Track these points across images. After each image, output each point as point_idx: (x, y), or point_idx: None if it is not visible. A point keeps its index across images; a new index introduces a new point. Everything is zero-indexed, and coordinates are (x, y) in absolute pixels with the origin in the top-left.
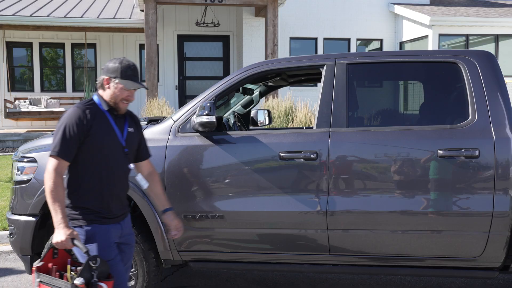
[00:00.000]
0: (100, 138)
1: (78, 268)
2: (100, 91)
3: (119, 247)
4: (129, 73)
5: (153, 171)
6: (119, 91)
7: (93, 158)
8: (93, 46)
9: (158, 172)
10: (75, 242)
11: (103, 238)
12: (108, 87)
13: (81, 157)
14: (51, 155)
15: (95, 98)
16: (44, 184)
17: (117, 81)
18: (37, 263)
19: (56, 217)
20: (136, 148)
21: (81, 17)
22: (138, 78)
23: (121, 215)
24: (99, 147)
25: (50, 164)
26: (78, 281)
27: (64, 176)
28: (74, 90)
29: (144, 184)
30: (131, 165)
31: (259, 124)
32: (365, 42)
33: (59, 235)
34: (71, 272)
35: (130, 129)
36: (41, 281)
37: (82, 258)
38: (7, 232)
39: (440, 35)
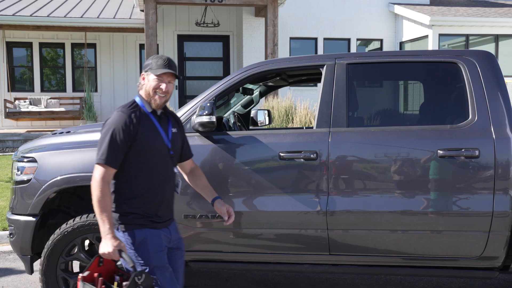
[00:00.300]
0: (147, 141)
1: (124, 283)
2: (140, 92)
3: (169, 252)
4: (159, 62)
5: (195, 167)
6: (150, 82)
7: (140, 162)
8: (93, 46)
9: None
10: (123, 254)
11: (155, 242)
12: (144, 83)
13: (128, 161)
14: (98, 163)
15: (137, 99)
16: (92, 193)
17: (148, 72)
18: (83, 273)
19: (104, 227)
20: (180, 149)
21: (81, 17)
22: (170, 67)
23: (169, 220)
24: (146, 150)
25: (97, 172)
26: None
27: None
28: (74, 90)
29: (178, 192)
30: (176, 169)
31: (259, 124)
32: (365, 42)
33: (107, 246)
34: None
35: (174, 130)
36: None
37: (127, 267)
38: (7, 232)
39: (440, 35)
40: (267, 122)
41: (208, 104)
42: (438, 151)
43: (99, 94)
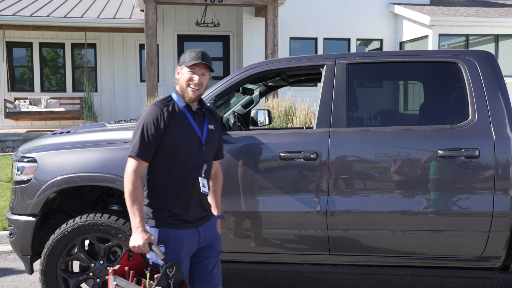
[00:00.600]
0: (178, 136)
1: (156, 275)
2: (176, 87)
3: (200, 253)
4: (192, 55)
5: (219, 173)
6: (184, 75)
7: (171, 157)
8: (93, 46)
9: None
10: (153, 247)
11: (174, 246)
12: (178, 77)
13: (159, 156)
14: (130, 156)
15: (173, 94)
16: (124, 186)
17: (182, 66)
18: (113, 267)
19: (134, 220)
20: (216, 146)
21: (81, 17)
22: (203, 59)
23: (200, 219)
24: (177, 145)
25: (129, 165)
26: None
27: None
28: (74, 90)
29: (205, 191)
30: (205, 165)
31: (259, 124)
32: (365, 42)
33: (137, 239)
34: (150, 281)
35: (211, 127)
36: (117, 285)
37: (155, 261)
38: (7, 232)
39: (440, 35)
40: (267, 122)
41: (208, 104)
42: (438, 151)
43: (99, 94)
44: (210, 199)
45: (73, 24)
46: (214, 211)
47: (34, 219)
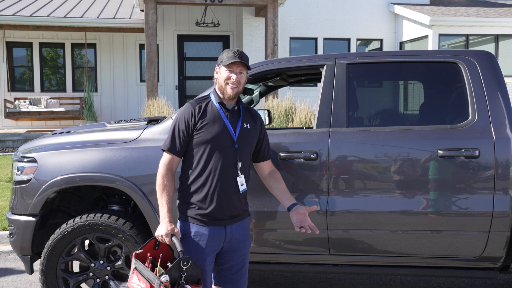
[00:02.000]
0: (209, 133)
1: (169, 264)
2: (215, 86)
3: (226, 254)
4: (230, 54)
5: (274, 170)
6: (222, 74)
7: (201, 153)
8: (93, 46)
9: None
10: (173, 239)
11: (198, 242)
12: (217, 77)
13: (191, 151)
14: (162, 149)
15: (211, 93)
16: (157, 179)
17: (220, 65)
18: (137, 250)
19: (162, 210)
20: (252, 145)
21: (81, 17)
22: (240, 58)
23: (230, 218)
24: (207, 142)
25: (162, 159)
26: (164, 278)
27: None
28: (74, 90)
29: (243, 188)
30: (239, 163)
31: None
32: (365, 42)
33: (161, 229)
34: (162, 269)
35: (246, 125)
36: (135, 268)
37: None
38: (7, 232)
39: (440, 35)
40: (267, 122)
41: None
42: (438, 151)
43: (99, 94)
44: (280, 195)
45: (73, 24)
46: (290, 202)
47: (34, 219)
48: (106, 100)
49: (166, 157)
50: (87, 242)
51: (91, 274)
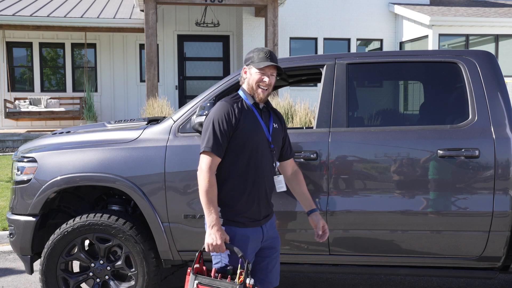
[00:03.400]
0: (248, 132)
1: (239, 270)
2: (243, 86)
3: (262, 252)
4: (261, 55)
5: (297, 170)
6: (253, 76)
7: (240, 153)
8: (93, 46)
9: (160, 172)
10: (229, 246)
11: (239, 245)
12: (246, 76)
13: (228, 152)
14: (203, 152)
15: (240, 93)
16: (199, 183)
17: (250, 66)
18: (192, 266)
19: (210, 217)
20: (280, 145)
21: (81, 17)
22: (272, 60)
23: (265, 218)
24: (246, 142)
25: (203, 161)
26: (251, 281)
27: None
28: (74, 90)
29: (281, 187)
30: (277, 163)
31: None
32: (365, 42)
33: (214, 238)
34: (240, 276)
35: (275, 125)
36: (199, 283)
37: (215, 261)
38: (7, 232)
39: (440, 35)
40: None
41: (208, 104)
42: (438, 151)
43: (99, 94)
44: (300, 197)
45: (73, 24)
46: (309, 207)
47: (34, 219)
48: (106, 100)
49: (208, 159)
50: (87, 242)
51: (91, 274)
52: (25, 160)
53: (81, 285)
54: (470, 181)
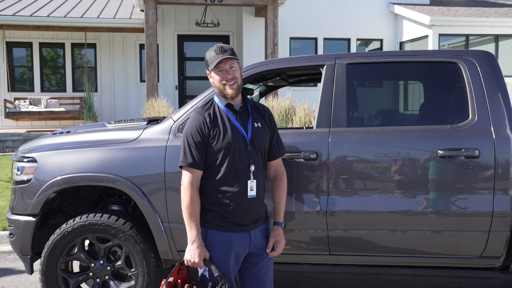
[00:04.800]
0: (223, 139)
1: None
2: (215, 91)
3: (252, 258)
4: (212, 55)
5: (281, 176)
6: (215, 77)
7: (218, 160)
8: (93, 46)
9: (160, 172)
10: (207, 263)
11: (223, 249)
12: (212, 81)
13: (207, 160)
14: (182, 166)
15: (215, 97)
16: (181, 198)
17: (210, 68)
18: (167, 278)
19: (191, 233)
20: (266, 144)
21: (81, 17)
22: (223, 53)
23: (253, 223)
24: (222, 148)
25: (184, 177)
26: None
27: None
28: (74, 90)
29: (252, 195)
30: (252, 167)
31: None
32: (365, 42)
33: (193, 254)
34: None
35: (257, 124)
36: None
37: (205, 275)
38: (7, 232)
39: (440, 35)
40: None
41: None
42: (438, 151)
43: (99, 94)
44: (274, 204)
45: (73, 24)
46: (277, 218)
47: (34, 219)
48: (106, 100)
49: (188, 175)
50: (87, 242)
51: (91, 274)
52: (25, 160)
53: (81, 285)
54: (470, 181)
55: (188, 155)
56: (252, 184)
